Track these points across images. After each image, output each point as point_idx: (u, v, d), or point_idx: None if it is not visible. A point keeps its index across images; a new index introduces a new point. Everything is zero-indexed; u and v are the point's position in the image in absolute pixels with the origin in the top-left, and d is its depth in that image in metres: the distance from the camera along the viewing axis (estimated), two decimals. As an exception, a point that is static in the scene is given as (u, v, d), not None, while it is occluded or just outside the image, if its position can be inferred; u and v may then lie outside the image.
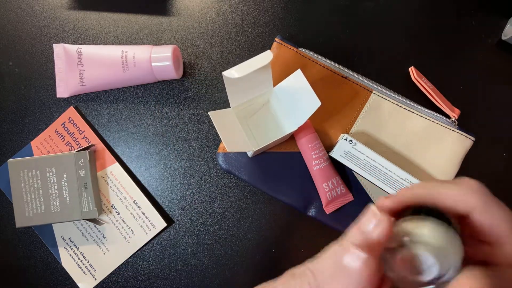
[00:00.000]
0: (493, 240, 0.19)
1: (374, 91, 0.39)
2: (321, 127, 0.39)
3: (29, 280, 0.40)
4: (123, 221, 0.40)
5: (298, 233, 0.40)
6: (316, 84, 0.38)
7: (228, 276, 0.40)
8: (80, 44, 0.42)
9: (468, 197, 0.19)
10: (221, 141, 0.40)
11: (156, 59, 0.38)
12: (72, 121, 0.41)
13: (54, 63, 0.41)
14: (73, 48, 0.40)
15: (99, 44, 0.42)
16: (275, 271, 0.40)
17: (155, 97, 0.42)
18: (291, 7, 0.43)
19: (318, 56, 0.39)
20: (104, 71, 0.39)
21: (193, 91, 0.42)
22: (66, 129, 0.41)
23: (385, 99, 0.39)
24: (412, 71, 0.39)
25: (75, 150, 0.39)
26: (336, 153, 0.36)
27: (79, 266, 0.40)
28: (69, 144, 0.41)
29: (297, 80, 0.33)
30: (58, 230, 0.40)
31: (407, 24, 0.42)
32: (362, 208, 0.37)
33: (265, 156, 0.38)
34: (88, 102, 0.42)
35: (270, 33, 0.42)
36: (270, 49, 0.41)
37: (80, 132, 0.41)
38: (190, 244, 0.40)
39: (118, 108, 0.42)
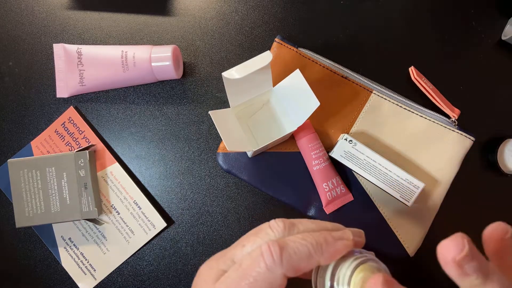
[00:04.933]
0: None
1: (374, 91, 0.39)
2: (321, 127, 0.39)
3: (29, 280, 0.40)
4: (123, 221, 0.40)
5: (298, 233, 0.40)
6: (316, 84, 0.38)
7: (228, 276, 0.40)
8: (80, 44, 0.42)
9: None
10: (221, 141, 0.40)
11: (156, 59, 0.38)
12: (72, 121, 0.41)
13: (54, 63, 0.41)
14: (73, 48, 0.40)
15: (99, 44, 0.42)
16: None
17: (155, 97, 0.42)
18: (291, 7, 0.43)
19: (318, 56, 0.39)
20: (104, 71, 0.39)
21: (193, 91, 0.42)
22: (66, 129, 0.41)
23: (385, 99, 0.39)
24: (412, 71, 0.39)
25: (75, 150, 0.39)
26: (336, 153, 0.36)
27: (79, 266, 0.40)
28: (69, 144, 0.41)
29: (296, 80, 0.33)
30: (58, 230, 0.40)
31: (407, 24, 0.42)
32: (362, 208, 0.38)
33: (265, 156, 0.38)
34: (88, 102, 0.42)
35: (270, 33, 0.42)
36: (270, 49, 0.41)
37: (80, 132, 0.41)
38: (190, 244, 0.40)
39: (118, 108, 0.42)
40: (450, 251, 0.17)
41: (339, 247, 0.20)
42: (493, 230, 0.19)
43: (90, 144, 0.41)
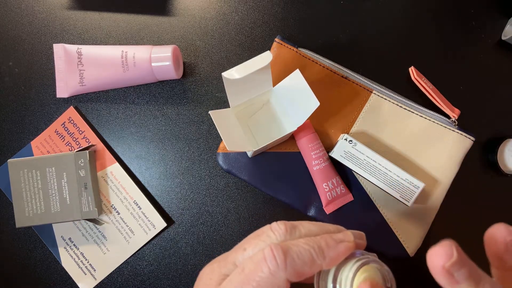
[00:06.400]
0: None
1: (374, 91, 0.39)
2: (321, 127, 0.39)
3: (29, 280, 0.40)
4: (123, 221, 0.40)
5: (298, 233, 0.40)
6: (316, 84, 0.38)
7: (228, 276, 0.40)
8: (80, 44, 0.42)
9: None
10: (221, 141, 0.40)
11: (156, 59, 0.38)
12: (72, 121, 0.41)
13: (54, 63, 0.41)
14: (73, 48, 0.40)
15: (99, 44, 0.42)
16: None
17: (155, 97, 0.42)
18: (291, 7, 0.43)
19: (318, 56, 0.39)
20: (104, 71, 0.39)
21: (193, 91, 0.42)
22: (66, 129, 0.41)
23: (385, 99, 0.39)
24: (412, 71, 0.39)
25: (75, 150, 0.39)
26: (336, 153, 0.36)
27: (79, 266, 0.40)
28: (69, 144, 0.41)
29: (296, 80, 0.33)
30: (58, 230, 0.40)
31: (407, 24, 0.42)
32: (362, 208, 0.38)
33: (265, 156, 0.38)
34: (88, 102, 0.42)
35: (270, 33, 0.42)
36: (270, 49, 0.41)
37: (80, 132, 0.41)
38: (190, 244, 0.40)
39: (118, 108, 0.42)
40: (439, 258, 0.17)
41: (340, 249, 0.20)
42: (495, 231, 0.19)
43: (90, 144, 0.41)
